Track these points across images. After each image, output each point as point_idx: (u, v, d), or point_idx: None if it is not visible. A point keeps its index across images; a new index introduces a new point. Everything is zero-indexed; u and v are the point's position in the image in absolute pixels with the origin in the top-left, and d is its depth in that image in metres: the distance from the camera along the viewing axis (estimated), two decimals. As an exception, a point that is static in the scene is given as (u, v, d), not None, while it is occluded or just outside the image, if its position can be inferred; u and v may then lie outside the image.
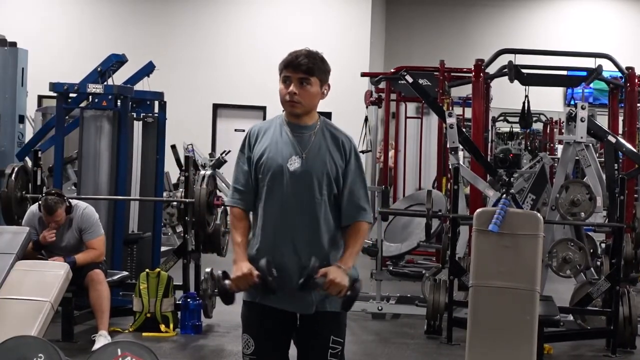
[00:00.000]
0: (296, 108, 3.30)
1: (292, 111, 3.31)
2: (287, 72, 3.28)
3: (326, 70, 3.32)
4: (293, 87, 3.27)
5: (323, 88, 3.33)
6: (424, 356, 6.66)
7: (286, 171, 3.30)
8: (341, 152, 3.34)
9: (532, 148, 16.51)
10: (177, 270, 7.19)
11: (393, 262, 9.35)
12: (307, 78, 3.27)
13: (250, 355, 3.38)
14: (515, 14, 18.82)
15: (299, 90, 3.27)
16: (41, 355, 4.64)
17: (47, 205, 6.47)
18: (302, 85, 3.28)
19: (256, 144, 3.37)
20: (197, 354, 6.57)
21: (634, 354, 6.71)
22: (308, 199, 3.30)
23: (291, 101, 3.28)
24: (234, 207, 3.40)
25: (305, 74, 3.27)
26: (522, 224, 5.70)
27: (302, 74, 3.27)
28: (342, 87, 15.24)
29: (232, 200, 3.41)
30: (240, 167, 3.40)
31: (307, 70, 3.27)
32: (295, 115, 3.33)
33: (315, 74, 3.29)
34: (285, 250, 3.31)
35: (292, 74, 3.27)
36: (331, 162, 3.32)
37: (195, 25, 16.62)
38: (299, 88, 3.27)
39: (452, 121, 7.66)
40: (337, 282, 3.22)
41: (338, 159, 3.33)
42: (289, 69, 3.27)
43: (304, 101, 3.29)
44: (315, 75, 3.29)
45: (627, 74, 8.64)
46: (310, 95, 3.30)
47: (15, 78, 9.48)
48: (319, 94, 3.32)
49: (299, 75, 3.27)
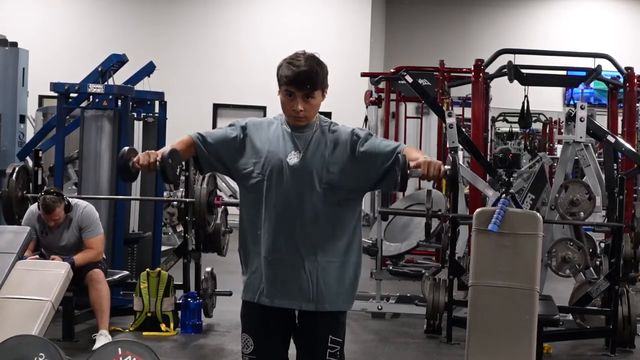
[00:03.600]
0: (301, 122, 3.30)
1: (297, 124, 3.31)
2: (290, 89, 3.24)
3: (326, 75, 3.30)
4: (299, 105, 3.25)
5: (324, 93, 3.32)
6: (424, 355, 6.67)
7: (286, 165, 3.29)
8: (345, 143, 3.31)
9: (532, 148, 16.55)
10: (178, 270, 7.20)
11: (393, 261, 9.36)
12: (310, 93, 3.25)
13: (250, 354, 3.38)
14: (515, 14, 18.83)
15: (304, 106, 3.26)
16: (42, 354, 4.65)
17: (45, 204, 6.48)
18: (307, 99, 3.26)
19: (248, 134, 3.35)
20: (197, 353, 6.58)
21: (633, 353, 6.72)
22: (308, 192, 3.29)
23: (297, 117, 3.28)
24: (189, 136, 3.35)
25: (309, 90, 3.25)
26: (521, 224, 5.71)
27: (306, 91, 3.25)
28: (342, 87, 15.31)
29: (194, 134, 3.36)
30: (221, 130, 3.37)
31: (311, 87, 3.24)
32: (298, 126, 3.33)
33: (318, 87, 3.26)
34: (286, 245, 3.30)
35: (296, 91, 3.24)
36: (331, 157, 3.31)
37: (195, 25, 16.63)
38: (304, 104, 3.26)
39: (452, 121, 7.68)
40: (432, 161, 3.20)
41: (340, 151, 3.31)
42: (292, 86, 3.24)
43: (309, 114, 3.29)
44: (318, 88, 3.27)
45: (626, 74, 8.65)
46: (315, 107, 3.30)
47: (16, 78, 9.48)
48: (321, 101, 3.32)
49: (303, 92, 3.25)
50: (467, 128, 10.10)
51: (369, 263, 8.55)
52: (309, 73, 3.22)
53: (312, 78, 3.23)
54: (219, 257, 7.57)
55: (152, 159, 3.23)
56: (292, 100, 3.25)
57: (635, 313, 6.71)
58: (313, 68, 3.24)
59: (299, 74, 3.21)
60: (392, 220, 8.93)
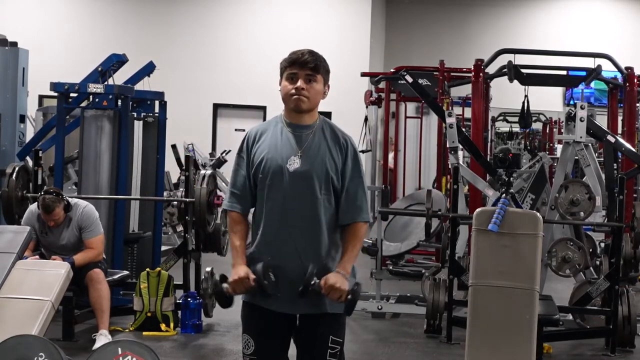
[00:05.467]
0: (302, 102, 3.32)
1: (298, 106, 3.33)
2: (294, 69, 3.31)
3: (328, 70, 3.39)
4: (301, 82, 3.31)
5: (325, 87, 3.38)
6: (424, 355, 6.67)
7: (286, 172, 3.31)
8: (341, 151, 3.36)
9: (532, 148, 16.54)
10: (178, 270, 7.20)
11: (393, 261, 9.36)
12: (313, 75, 3.32)
13: (251, 355, 3.40)
14: (515, 14, 18.82)
15: (306, 85, 3.31)
16: (42, 354, 4.64)
17: (45, 204, 6.48)
18: (309, 81, 3.32)
19: (254, 145, 3.38)
20: (197, 353, 6.58)
21: (633, 353, 6.72)
22: (309, 198, 3.31)
23: (298, 96, 3.31)
24: (232, 211, 3.41)
25: (312, 71, 3.32)
26: (521, 224, 5.71)
27: (309, 71, 3.31)
28: (342, 87, 15.26)
29: (229, 204, 3.42)
30: (237, 171, 3.41)
31: (313, 68, 3.32)
32: (299, 112, 3.34)
33: (320, 71, 3.34)
34: (287, 250, 3.31)
35: (299, 71, 3.31)
36: (331, 161, 3.33)
37: (195, 25, 16.63)
38: (306, 84, 3.31)
39: (452, 121, 7.67)
40: (337, 287, 3.24)
41: (337, 157, 3.34)
42: (295, 66, 3.31)
43: (311, 96, 3.33)
44: (320, 72, 3.34)
45: (626, 74, 8.65)
46: (316, 91, 3.34)
47: (16, 78, 9.49)
48: (322, 92, 3.37)
49: (306, 72, 3.31)
50: (467, 128, 10.09)
51: (369, 263, 8.56)
52: (311, 54, 3.33)
53: (314, 59, 3.32)
54: (219, 257, 7.57)
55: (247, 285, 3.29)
56: (294, 81, 3.32)
57: (635, 313, 6.71)
58: (315, 53, 3.35)
59: (302, 54, 3.33)
60: (392, 220, 8.93)
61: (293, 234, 3.31)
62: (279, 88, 3.36)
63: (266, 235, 3.34)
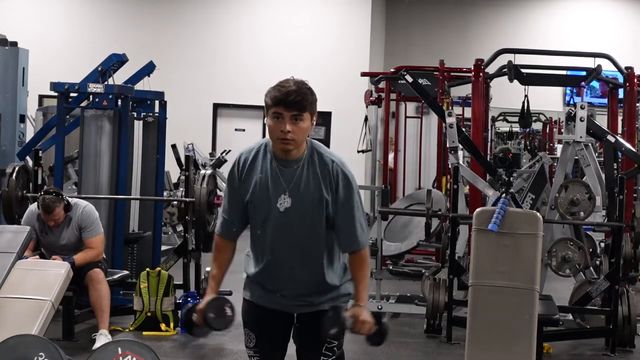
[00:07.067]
0: (289, 145, 3.22)
1: (285, 149, 3.24)
2: (279, 109, 3.18)
3: (315, 101, 3.24)
4: (287, 125, 3.18)
5: (312, 119, 3.26)
6: (424, 355, 6.67)
7: (276, 211, 3.28)
8: (331, 182, 3.27)
9: (532, 147, 16.54)
10: (178, 270, 7.20)
11: (393, 261, 9.37)
12: (300, 114, 3.19)
13: (253, 348, 3.46)
14: (515, 14, 18.81)
15: (292, 128, 3.19)
16: (42, 354, 4.65)
17: (45, 204, 6.48)
18: (295, 121, 3.20)
19: (244, 173, 3.32)
20: (197, 352, 6.58)
21: (632, 353, 6.72)
22: (302, 234, 3.30)
23: (284, 139, 3.20)
24: (218, 235, 3.44)
25: (297, 111, 3.19)
26: (521, 224, 5.72)
27: (295, 111, 3.18)
28: (342, 87, 15.35)
29: (218, 227, 3.45)
30: (227, 195, 3.40)
31: (299, 108, 3.19)
32: (286, 152, 3.27)
33: (307, 109, 3.20)
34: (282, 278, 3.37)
35: (285, 112, 3.18)
36: (322, 194, 3.27)
37: (195, 25, 16.62)
38: (292, 125, 3.19)
39: (452, 121, 7.67)
40: (367, 321, 3.33)
41: (328, 189, 3.28)
42: (280, 107, 3.18)
43: (297, 138, 3.21)
44: (307, 110, 3.21)
45: (626, 74, 8.65)
46: (303, 130, 3.22)
47: (16, 78, 9.48)
48: (310, 127, 3.25)
49: (291, 112, 3.18)
50: (467, 128, 10.09)
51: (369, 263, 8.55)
52: (297, 92, 3.18)
53: (300, 98, 3.18)
54: (219, 257, 7.55)
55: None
56: (280, 122, 3.20)
57: (635, 313, 6.71)
58: (302, 89, 3.20)
59: (287, 93, 3.17)
60: (392, 220, 8.93)
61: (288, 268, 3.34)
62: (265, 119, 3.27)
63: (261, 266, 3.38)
